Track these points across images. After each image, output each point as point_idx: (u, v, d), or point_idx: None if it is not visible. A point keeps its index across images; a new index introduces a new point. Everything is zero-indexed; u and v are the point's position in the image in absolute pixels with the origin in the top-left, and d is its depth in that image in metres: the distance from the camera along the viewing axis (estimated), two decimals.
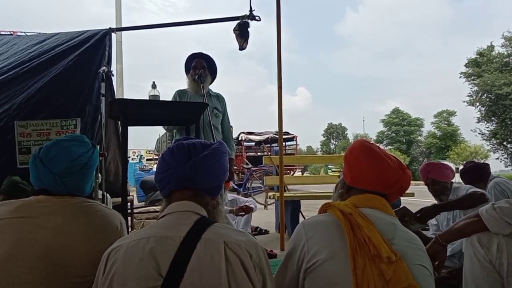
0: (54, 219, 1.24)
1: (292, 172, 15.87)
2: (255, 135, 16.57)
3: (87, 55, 4.32)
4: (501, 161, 30.82)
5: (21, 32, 5.91)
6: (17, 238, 1.18)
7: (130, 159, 17.70)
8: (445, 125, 40.13)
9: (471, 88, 30.64)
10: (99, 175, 3.12)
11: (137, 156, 21.35)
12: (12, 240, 1.18)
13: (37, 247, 1.17)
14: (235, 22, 4.05)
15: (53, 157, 1.34)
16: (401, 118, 43.18)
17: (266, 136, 16.17)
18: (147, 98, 3.01)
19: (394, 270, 1.05)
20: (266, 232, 5.06)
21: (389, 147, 40.97)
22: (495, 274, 1.50)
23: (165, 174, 1.14)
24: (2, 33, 6.03)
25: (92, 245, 1.23)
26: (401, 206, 2.29)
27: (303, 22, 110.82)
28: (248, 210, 4.48)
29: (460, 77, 31.47)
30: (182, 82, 3.45)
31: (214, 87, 3.55)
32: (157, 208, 5.02)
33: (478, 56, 30.74)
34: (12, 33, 6.00)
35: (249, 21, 3.98)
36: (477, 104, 30.18)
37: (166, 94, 3.56)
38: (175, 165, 1.12)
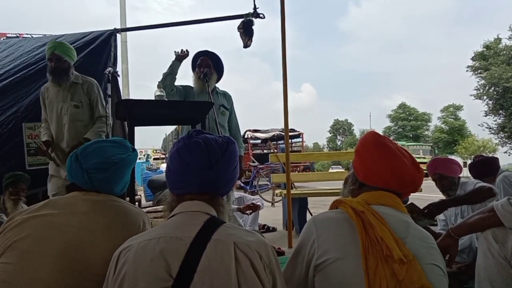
0: (77, 216, 1.27)
1: (298, 169, 15.84)
2: (261, 132, 16.56)
3: (93, 56, 4.34)
4: (509, 155, 30.62)
5: (27, 34, 5.97)
6: (40, 233, 1.21)
7: (137, 159, 17.78)
8: (452, 120, 39.88)
9: (478, 82, 30.47)
10: None
11: (144, 155, 21.46)
12: (35, 236, 1.20)
13: (58, 244, 1.19)
14: (240, 20, 4.06)
15: (87, 154, 1.40)
16: (408, 113, 43.00)
17: (272, 134, 16.15)
18: (153, 98, 3.02)
19: (407, 270, 1.03)
20: (274, 229, 5.06)
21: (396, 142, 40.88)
22: (510, 270, 1.47)
23: (185, 177, 1.11)
24: (9, 35, 6.09)
25: (113, 244, 1.20)
26: (408, 202, 2.28)
27: (306, 18, 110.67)
28: (255, 208, 4.48)
29: (467, 70, 31.27)
30: (188, 81, 3.46)
31: (219, 85, 3.56)
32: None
33: (484, 49, 30.48)
34: (18, 35, 6.06)
35: (253, 19, 3.98)
36: (485, 97, 29.95)
37: None
38: (197, 168, 1.09)
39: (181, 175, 1.12)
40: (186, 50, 3.29)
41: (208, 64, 3.35)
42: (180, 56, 3.29)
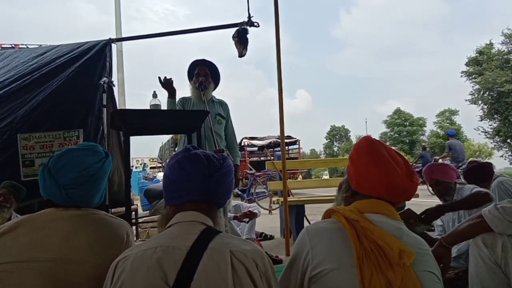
0: (58, 235, 1.21)
1: (299, 177, 15.80)
2: (258, 140, 16.56)
3: (88, 66, 4.33)
4: (505, 159, 30.69)
5: (23, 45, 5.97)
6: (22, 253, 1.17)
7: (133, 168, 17.72)
8: (448, 124, 40.05)
9: (472, 87, 30.56)
10: None
11: (140, 164, 21.32)
12: (17, 255, 1.16)
13: (40, 264, 1.15)
14: (235, 29, 4.07)
15: (61, 168, 1.31)
16: (403, 118, 43.17)
17: (268, 141, 16.14)
18: (148, 107, 3.02)
19: (402, 279, 1.03)
20: (271, 237, 5.04)
21: (392, 148, 41.02)
22: (501, 275, 1.49)
23: (186, 184, 1.13)
24: (4, 46, 6.09)
25: (97, 259, 1.20)
26: (405, 208, 2.28)
27: (299, 26, 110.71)
28: (252, 215, 4.47)
29: (461, 76, 31.43)
30: (185, 89, 3.46)
31: (216, 93, 3.56)
32: None
33: (478, 54, 30.68)
34: (14, 46, 6.06)
35: (248, 27, 4.00)
36: (479, 102, 30.06)
37: None
38: (198, 176, 1.12)
39: (182, 183, 1.14)
40: (170, 78, 3.16)
41: (206, 73, 3.35)
42: (167, 86, 3.15)
